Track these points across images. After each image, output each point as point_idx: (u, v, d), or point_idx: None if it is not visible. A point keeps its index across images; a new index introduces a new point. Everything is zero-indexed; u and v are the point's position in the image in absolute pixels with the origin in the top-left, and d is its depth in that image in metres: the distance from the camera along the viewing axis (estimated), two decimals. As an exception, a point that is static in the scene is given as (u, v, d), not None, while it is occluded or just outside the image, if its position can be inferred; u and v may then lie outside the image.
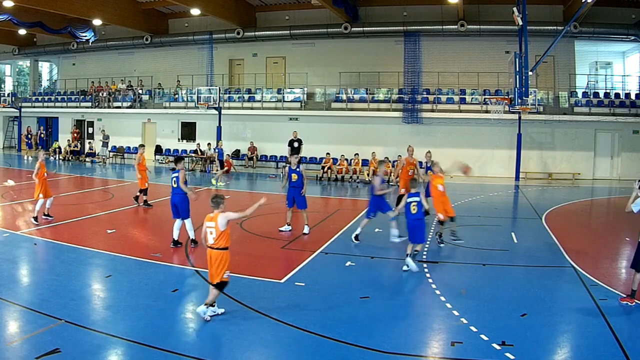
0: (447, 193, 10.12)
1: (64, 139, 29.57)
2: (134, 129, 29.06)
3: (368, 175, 21.26)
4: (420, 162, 13.51)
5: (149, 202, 13.86)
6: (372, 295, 7.27)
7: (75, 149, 28.36)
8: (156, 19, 28.91)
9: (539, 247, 10.32)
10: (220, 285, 6.23)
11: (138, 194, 13.94)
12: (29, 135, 30.12)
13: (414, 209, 8.42)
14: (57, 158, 27.79)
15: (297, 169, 10.98)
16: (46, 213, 11.55)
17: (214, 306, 6.29)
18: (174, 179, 9.59)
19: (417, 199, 8.49)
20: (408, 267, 8.28)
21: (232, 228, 11.12)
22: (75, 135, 29.68)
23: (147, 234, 11.09)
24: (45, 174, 11.43)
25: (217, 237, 6.19)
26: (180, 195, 9.47)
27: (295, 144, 20.60)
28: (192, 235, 9.56)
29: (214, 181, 18.86)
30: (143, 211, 13.37)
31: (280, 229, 11.04)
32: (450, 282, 7.93)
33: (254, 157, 25.58)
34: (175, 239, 9.50)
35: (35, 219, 11.11)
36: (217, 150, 20.62)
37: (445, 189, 10.09)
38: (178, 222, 9.51)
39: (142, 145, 15.41)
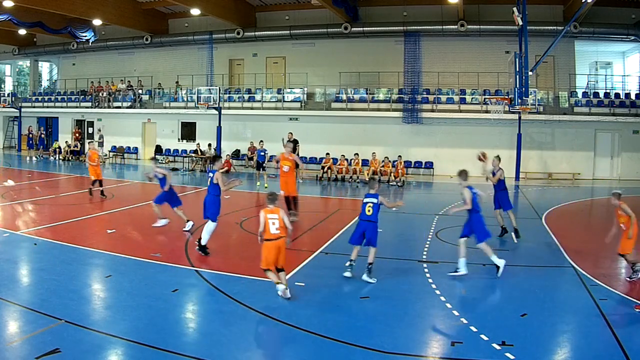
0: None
1: (64, 139, 29.57)
2: (134, 129, 29.08)
3: (368, 174, 21.25)
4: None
5: (102, 193, 14.93)
6: (372, 295, 7.27)
7: (75, 149, 28.36)
8: (156, 19, 28.90)
9: (539, 247, 10.32)
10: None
11: (91, 186, 15.00)
12: (31, 135, 30.13)
13: (369, 211, 7.81)
14: (57, 158, 27.78)
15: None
16: None
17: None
18: (209, 178, 9.24)
19: (374, 200, 7.86)
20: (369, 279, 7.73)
21: (231, 228, 11.10)
22: (76, 135, 29.70)
23: (147, 234, 11.09)
24: None
25: (280, 227, 6.81)
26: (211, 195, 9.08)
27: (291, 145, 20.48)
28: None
29: (266, 184, 18.83)
30: (142, 211, 13.36)
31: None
32: (450, 282, 7.93)
33: (254, 157, 25.53)
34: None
35: None
36: (257, 152, 20.32)
37: (290, 169, 11.86)
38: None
39: (90, 142, 18.49)
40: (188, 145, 27.55)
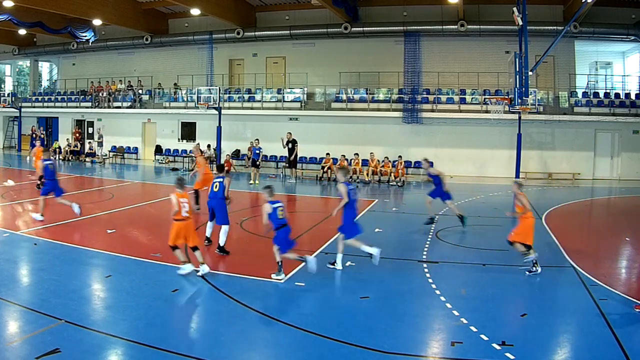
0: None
1: (64, 139, 29.57)
2: (134, 129, 29.07)
3: (368, 175, 21.27)
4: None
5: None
6: (372, 295, 7.27)
7: (75, 149, 28.36)
8: (156, 19, 28.88)
9: (539, 247, 10.28)
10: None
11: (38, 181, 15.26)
12: (34, 135, 30.11)
13: (282, 214, 7.81)
14: (57, 158, 27.74)
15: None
16: None
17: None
18: (217, 184, 9.13)
19: (281, 204, 7.87)
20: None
21: (231, 229, 11.08)
22: (77, 135, 29.69)
23: (147, 234, 11.09)
24: None
25: (189, 210, 7.74)
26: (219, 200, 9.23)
27: (290, 145, 20.57)
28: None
29: (257, 182, 19.18)
30: (142, 211, 13.37)
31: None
32: (450, 282, 7.93)
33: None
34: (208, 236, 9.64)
35: None
36: (253, 150, 20.56)
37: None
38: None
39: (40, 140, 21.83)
40: (188, 145, 27.53)
